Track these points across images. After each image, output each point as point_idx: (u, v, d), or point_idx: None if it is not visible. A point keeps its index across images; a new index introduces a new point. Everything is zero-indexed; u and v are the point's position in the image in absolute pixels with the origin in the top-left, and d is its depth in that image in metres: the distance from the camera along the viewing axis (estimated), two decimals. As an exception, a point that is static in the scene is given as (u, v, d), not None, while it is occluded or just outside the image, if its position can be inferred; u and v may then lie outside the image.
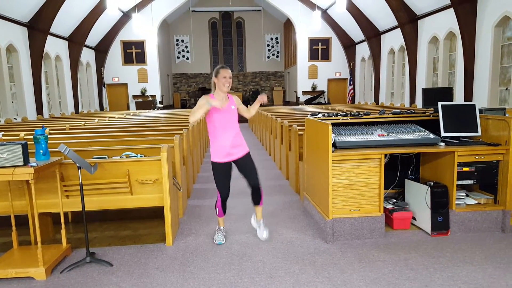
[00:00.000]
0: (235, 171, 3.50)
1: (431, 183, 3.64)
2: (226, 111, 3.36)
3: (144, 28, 18.27)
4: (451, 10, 10.66)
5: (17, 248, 3.32)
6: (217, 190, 3.51)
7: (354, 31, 18.35)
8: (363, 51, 18.80)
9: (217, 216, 3.64)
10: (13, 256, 3.18)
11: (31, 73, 12.51)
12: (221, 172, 3.44)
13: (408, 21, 13.42)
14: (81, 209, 3.21)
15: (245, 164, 3.47)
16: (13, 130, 7.47)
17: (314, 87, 20.86)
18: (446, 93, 4.29)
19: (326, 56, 20.80)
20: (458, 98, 10.83)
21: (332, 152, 3.40)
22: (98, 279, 2.93)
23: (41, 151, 3.09)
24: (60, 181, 3.28)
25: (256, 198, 3.59)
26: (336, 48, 20.61)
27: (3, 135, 5.07)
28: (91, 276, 2.98)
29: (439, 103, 3.78)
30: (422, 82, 13.30)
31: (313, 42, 20.56)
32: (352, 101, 19.79)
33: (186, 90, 26.75)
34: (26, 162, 2.87)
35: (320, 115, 4.15)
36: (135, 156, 3.80)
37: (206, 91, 23.50)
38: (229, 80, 3.36)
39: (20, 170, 2.82)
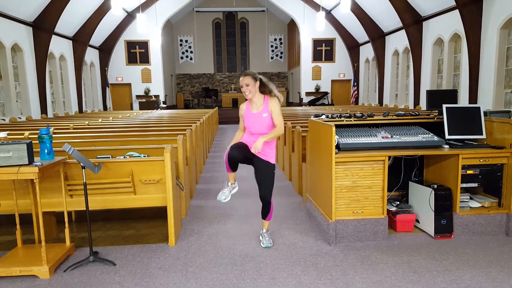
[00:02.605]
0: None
1: (435, 186, 3.62)
2: (255, 118, 3.30)
3: (148, 28, 18.31)
4: (456, 11, 10.61)
5: (21, 246, 3.34)
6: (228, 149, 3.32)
7: (358, 32, 18.31)
8: (367, 52, 18.75)
9: (226, 170, 3.42)
10: (17, 254, 3.20)
11: (36, 72, 12.57)
12: (238, 143, 3.33)
13: (413, 23, 13.38)
14: (84, 209, 3.22)
15: (261, 172, 3.35)
16: (17, 129, 7.51)
17: (317, 88, 20.83)
18: (451, 95, 4.27)
19: (330, 57, 20.77)
20: (463, 101, 10.77)
21: (336, 153, 3.40)
22: (101, 278, 2.95)
23: (46, 151, 3.11)
24: (64, 180, 3.29)
25: (264, 212, 3.50)
26: (340, 49, 20.56)
27: (7, 134, 5.10)
28: (94, 275, 2.99)
29: (444, 105, 3.76)
30: (426, 84, 13.24)
31: (317, 43, 20.54)
32: (356, 102, 19.73)
33: (190, 90, 26.78)
34: (30, 161, 2.89)
35: (323, 116, 4.14)
36: (139, 156, 3.81)
37: (209, 91, 23.56)
38: (246, 87, 3.24)
39: (25, 169, 2.83)
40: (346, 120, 3.98)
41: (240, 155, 3.26)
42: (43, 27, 12.44)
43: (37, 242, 3.48)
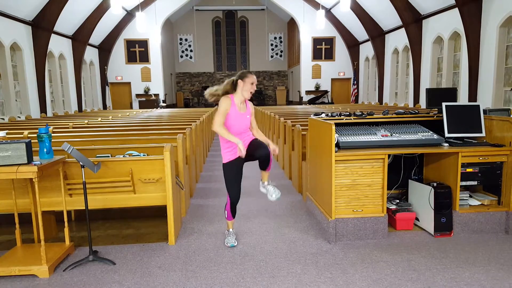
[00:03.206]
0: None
1: (435, 184, 3.62)
2: (241, 119, 3.28)
3: (148, 27, 18.29)
4: (456, 10, 10.59)
5: (20, 246, 3.34)
6: (227, 193, 3.41)
7: (358, 31, 18.29)
8: (367, 50, 18.74)
9: (226, 220, 3.56)
10: (17, 254, 3.20)
11: (35, 71, 12.56)
12: (232, 172, 3.33)
13: (413, 21, 13.36)
14: (84, 208, 3.22)
15: (254, 144, 3.27)
16: (17, 128, 7.50)
17: (317, 87, 20.82)
18: (450, 93, 4.27)
19: (329, 55, 20.76)
20: (462, 99, 10.77)
21: (335, 152, 3.40)
22: (101, 278, 2.94)
23: (45, 150, 3.11)
24: (64, 179, 3.29)
25: (265, 163, 3.29)
26: (340, 47, 20.55)
27: (7, 133, 5.09)
28: (93, 275, 2.99)
29: (443, 104, 3.76)
30: (426, 82, 13.24)
31: (316, 41, 20.52)
32: (356, 101, 19.73)
33: (189, 89, 26.78)
34: (30, 161, 2.88)
35: (323, 115, 4.14)
36: (138, 155, 3.81)
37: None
38: (255, 88, 3.31)
39: (24, 169, 2.83)
40: (346, 119, 3.97)
41: (239, 185, 3.38)
42: (42, 26, 12.42)
43: (37, 241, 3.48)
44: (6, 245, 3.56)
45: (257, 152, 3.22)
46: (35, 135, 3.60)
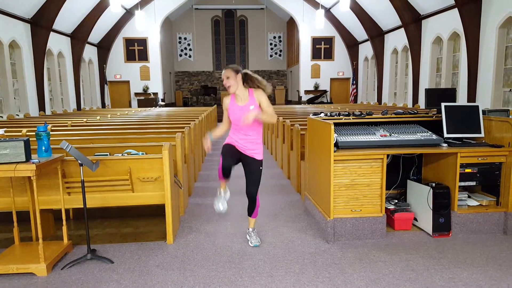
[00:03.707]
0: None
1: (433, 184, 3.63)
2: (242, 111, 3.23)
3: (147, 26, 18.24)
4: (455, 10, 10.60)
5: (18, 244, 3.33)
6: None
7: (358, 31, 18.29)
8: (366, 50, 18.74)
9: (219, 179, 3.42)
10: (15, 252, 3.19)
11: (34, 69, 12.51)
12: (228, 149, 3.29)
13: (412, 21, 13.37)
14: (82, 206, 3.21)
15: (249, 167, 3.34)
16: (15, 126, 7.48)
17: (316, 87, 20.82)
18: (449, 94, 4.27)
19: (329, 55, 20.74)
20: (461, 99, 10.78)
21: (334, 152, 3.39)
22: (99, 276, 2.94)
23: (43, 148, 3.10)
24: (62, 178, 3.28)
25: (251, 208, 3.48)
26: (339, 47, 20.54)
27: (5, 131, 5.08)
28: (91, 273, 2.98)
29: (442, 104, 3.76)
30: (425, 83, 13.24)
31: (316, 41, 20.50)
32: (355, 101, 19.74)
33: (188, 88, 26.73)
34: (28, 159, 2.87)
35: (322, 114, 4.13)
36: (137, 154, 3.80)
37: (208, 89, 23.53)
38: (227, 80, 3.21)
39: (22, 167, 2.82)
40: (345, 118, 3.97)
41: (233, 161, 3.30)
42: (41, 23, 12.38)
43: (35, 239, 3.47)
44: (4, 243, 3.56)
45: (247, 181, 3.36)
46: (34, 133, 3.59)
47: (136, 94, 19.98)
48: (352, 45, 19.93)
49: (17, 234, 3.31)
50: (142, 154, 3.82)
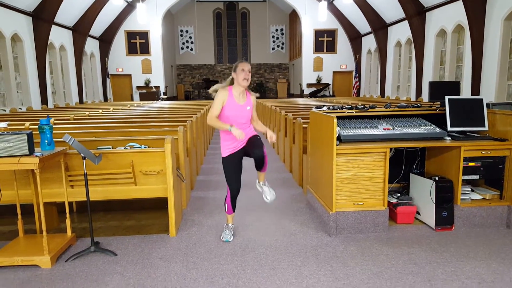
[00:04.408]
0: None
1: (436, 178, 3.62)
2: (239, 110, 3.23)
3: (148, 19, 18.15)
4: (460, 2, 10.48)
5: (22, 236, 3.35)
6: (227, 186, 3.39)
7: (361, 23, 18.13)
8: (369, 43, 18.59)
9: (226, 213, 3.52)
10: (19, 244, 3.22)
11: (36, 62, 12.51)
12: (231, 165, 3.31)
13: (416, 13, 13.23)
14: (85, 199, 3.23)
15: (253, 143, 3.25)
16: (18, 119, 7.50)
17: (319, 80, 20.72)
18: (453, 87, 4.24)
19: (331, 48, 20.60)
20: (465, 92, 10.70)
21: (337, 145, 3.39)
22: (102, 268, 2.96)
23: (46, 141, 3.10)
24: (65, 171, 3.29)
25: (260, 164, 3.29)
26: (342, 40, 20.38)
27: (8, 125, 5.09)
28: (95, 265, 3.01)
29: (446, 97, 3.73)
30: (429, 76, 13.15)
31: (318, 33, 20.35)
32: (358, 94, 19.64)
33: (190, 81, 26.68)
34: (31, 152, 2.88)
35: (325, 108, 4.11)
36: (139, 147, 3.80)
37: (210, 82, 23.41)
38: (248, 74, 3.19)
39: (25, 160, 2.83)
40: (348, 112, 3.95)
41: (239, 174, 3.37)
42: (43, 17, 12.34)
43: (39, 232, 3.50)
44: (8, 236, 3.59)
45: (252, 151, 3.22)
46: (37, 126, 3.59)
47: (138, 87, 19.95)
48: (355, 37, 19.78)
49: (21, 226, 3.33)
50: (144, 147, 3.82)
